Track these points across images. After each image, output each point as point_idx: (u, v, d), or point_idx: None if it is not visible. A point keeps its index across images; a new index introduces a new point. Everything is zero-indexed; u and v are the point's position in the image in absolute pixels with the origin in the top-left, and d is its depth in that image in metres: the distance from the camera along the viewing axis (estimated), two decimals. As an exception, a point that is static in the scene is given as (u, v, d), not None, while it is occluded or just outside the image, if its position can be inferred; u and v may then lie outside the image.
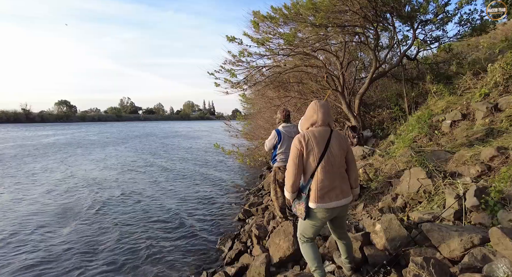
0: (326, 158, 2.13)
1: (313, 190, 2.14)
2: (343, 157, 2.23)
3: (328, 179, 2.13)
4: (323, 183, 2.12)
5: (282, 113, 4.01)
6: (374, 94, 7.59)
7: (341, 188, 2.18)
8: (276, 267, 3.16)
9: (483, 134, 3.84)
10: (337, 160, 2.17)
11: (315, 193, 2.13)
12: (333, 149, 2.16)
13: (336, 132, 2.26)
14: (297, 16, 5.52)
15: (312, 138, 2.14)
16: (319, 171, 2.12)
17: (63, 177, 9.52)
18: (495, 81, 4.51)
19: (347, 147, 2.27)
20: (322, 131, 2.18)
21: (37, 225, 5.36)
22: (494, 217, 2.42)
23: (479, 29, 5.63)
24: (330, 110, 2.27)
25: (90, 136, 27.25)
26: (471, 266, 2.05)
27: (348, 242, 2.49)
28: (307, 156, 2.14)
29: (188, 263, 4.06)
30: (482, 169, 3.12)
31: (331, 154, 2.15)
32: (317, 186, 2.12)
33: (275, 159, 3.95)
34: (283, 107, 4.13)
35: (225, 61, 6.10)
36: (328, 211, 2.16)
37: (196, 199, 7.08)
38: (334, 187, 2.15)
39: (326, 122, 2.21)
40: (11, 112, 59.12)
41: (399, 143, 4.90)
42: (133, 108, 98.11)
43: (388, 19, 5.86)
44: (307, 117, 2.28)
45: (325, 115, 2.20)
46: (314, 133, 2.17)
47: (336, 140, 2.19)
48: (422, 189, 3.40)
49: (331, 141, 2.17)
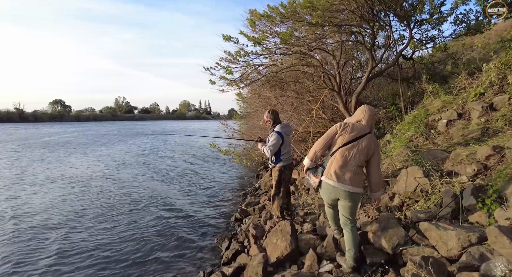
0: (351, 146, 2.49)
1: (327, 166, 2.56)
2: (366, 157, 2.51)
3: (343, 162, 2.47)
4: (337, 162, 2.49)
5: (272, 115, 3.97)
6: (370, 94, 7.62)
7: (350, 176, 2.45)
8: (274, 267, 3.14)
9: (478, 133, 3.86)
10: (358, 155, 2.47)
11: (328, 168, 2.54)
12: (361, 145, 2.49)
13: (373, 136, 2.58)
14: (294, 15, 5.50)
15: (350, 127, 2.54)
16: (339, 152, 2.51)
17: (34, 180, 9.39)
18: (490, 81, 4.53)
19: (375, 151, 2.54)
20: (362, 127, 2.56)
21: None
22: (491, 216, 2.43)
23: (474, 29, 5.68)
24: (375, 115, 2.66)
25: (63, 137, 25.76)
26: (469, 264, 2.06)
27: (350, 234, 2.56)
28: (338, 136, 2.55)
29: (184, 263, 4.03)
30: (478, 168, 3.13)
31: (356, 146, 2.48)
32: (331, 162, 2.53)
33: (280, 159, 3.89)
34: (268, 109, 4.08)
35: (221, 59, 6.05)
36: (330, 187, 2.51)
37: (192, 199, 7.04)
38: (343, 171, 2.46)
39: (369, 123, 2.58)
40: (4, 112, 58.32)
41: (395, 142, 4.91)
42: (129, 108, 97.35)
43: (385, 19, 5.87)
44: (355, 116, 2.67)
45: (369, 117, 2.58)
46: (355, 125, 2.57)
47: (367, 140, 2.51)
48: (419, 188, 3.40)
49: (363, 138, 2.50)
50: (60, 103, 77.62)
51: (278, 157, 3.90)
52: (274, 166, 3.96)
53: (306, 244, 3.24)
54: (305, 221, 4.06)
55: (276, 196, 4.03)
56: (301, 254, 3.21)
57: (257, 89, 8.19)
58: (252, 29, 5.95)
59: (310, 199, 5.01)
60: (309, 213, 4.38)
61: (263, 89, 8.02)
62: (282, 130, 3.88)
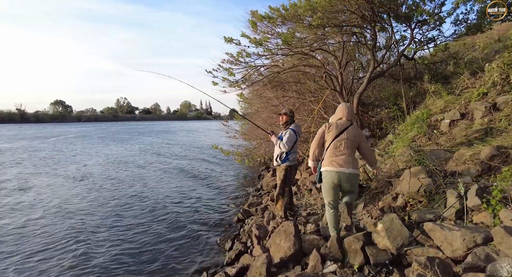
0: (340, 138, 3.00)
1: (325, 158, 3.03)
2: (355, 143, 3.04)
3: (336, 152, 2.97)
4: (334, 153, 2.97)
5: (289, 114, 4.04)
6: (372, 94, 7.62)
7: (346, 161, 2.92)
8: (277, 267, 3.14)
9: (482, 133, 3.85)
10: (347, 142, 2.99)
11: (326, 159, 3.01)
12: (347, 134, 3.01)
13: (355, 126, 3.13)
14: (295, 17, 5.51)
15: (334, 125, 3.10)
16: (332, 145, 3.01)
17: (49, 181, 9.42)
18: (493, 80, 4.53)
19: (361, 137, 3.09)
20: (343, 122, 3.10)
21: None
22: (496, 216, 2.42)
23: (475, 29, 5.68)
24: (352, 110, 3.22)
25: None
26: (475, 265, 2.05)
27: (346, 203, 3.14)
28: (327, 135, 3.09)
29: (188, 263, 4.03)
30: (482, 168, 3.13)
31: (344, 137, 3.00)
32: (329, 154, 3.00)
33: (287, 158, 3.91)
34: (287, 108, 4.13)
35: (223, 60, 6.07)
36: (332, 173, 2.92)
37: (194, 199, 7.04)
38: (339, 159, 2.93)
39: (348, 118, 3.12)
40: (5, 113, 58.44)
41: (398, 143, 4.90)
42: (130, 108, 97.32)
43: (386, 19, 5.87)
44: (336, 114, 3.22)
45: (348, 113, 3.13)
46: (337, 122, 3.12)
47: (351, 130, 3.06)
48: (423, 188, 3.39)
49: (347, 130, 3.04)
50: (61, 103, 77.76)
51: (286, 156, 3.90)
52: (280, 165, 3.95)
53: (310, 245, 3.24)
54: (308, 222, 4.05)
55: (280, 196, 4.03)
56: (304, 255, 3.21)
57: (259, 90, 8.18)
58: (253, 31, 5.95)
59: (313, 199, 5.00)
60: (312, 214, 4.38)
61: (265, 90, 8.02)
62: (297, 129, 3.92)
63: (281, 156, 3.91)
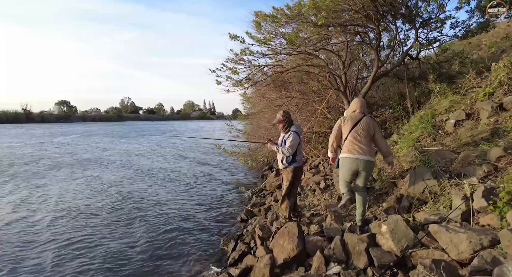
0: (355, 129, 3.30)
1: (344, 147, 3.32)
2: (369, 132, 3.31)
3: (354, 141, 3.25)
4: (352, 142, 3.25)
5: (287, 115, 3.95)
6: (376, 94, 7.57)
7: (362, 148, 3.20)
8: (281, 269, 3.13)
9: (488, 134, 3.79)
10: (363, 132, 3.28)
11: (346, 147, 3.30)
12: (362, 125, 3.30)
13: (368, 117, 3.41)
14: (299, 16, 5.49)
15: (348, 118, 3.41)
16: (350, 135, 3.30)
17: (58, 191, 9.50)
18: (500, 80, 4.46)
19: (375, 128, 3.37)
20: (357, 114, 3.40)
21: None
22: (504, 219, 2.38)
23: (478, 29, 5.67)
24: (365, 104, 3.55)
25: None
26: (481, 268, 2.02)
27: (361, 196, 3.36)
28: (343, 128, 3.40)
29: (190, 263, 4.03)
30: (489, 169, 3.08)
31: (359, 128, 3.29)
32: (348, 144, 3.29)
33: (294, 159, 3.86)
34: (282, 110, 4.06)
35: (227, 59, 6.08)
36: (352, 160, 3.21)
37: (197, 200, 7.05)
38: (357, 147, 3.21)
39: (361, 110, 3.42)
40: (11, 113, 59.06)
41: (402, 143, 4.85)
42: (134, 108, 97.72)
43: (390, 19, 5.83)
44: (351, 108, 3.54)
45: (361, 106, 3.43)
46: (351, 115, 3.43)
47: (365, 120, 3.34)
48: (428, 190, 3.36)
49: (361, 121, 3.33)
50: (66, 103, 78.40)
51: (293, 158, 3.86)
52: (287, 167, 3.90)
53: (313, 246, 3.22)
54: (312, 222, 4.04)
55: (286, 196, 4.01)
56: (308, 256, 3.20)
57: (262, 90, 8.17)
58: (257, 30, 5.95)
59: (316, 200, 4.98)
60: (316, 214, 4.36)
61: (268, 90, 8.00)
62: (298, 130, 3.87)
63: (287, 158, 3.86)
